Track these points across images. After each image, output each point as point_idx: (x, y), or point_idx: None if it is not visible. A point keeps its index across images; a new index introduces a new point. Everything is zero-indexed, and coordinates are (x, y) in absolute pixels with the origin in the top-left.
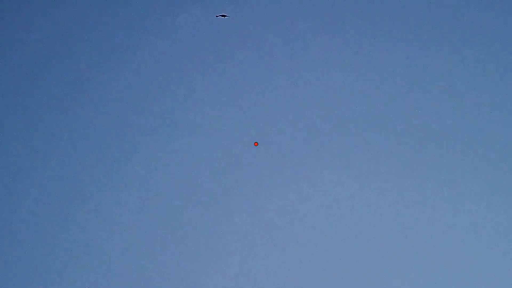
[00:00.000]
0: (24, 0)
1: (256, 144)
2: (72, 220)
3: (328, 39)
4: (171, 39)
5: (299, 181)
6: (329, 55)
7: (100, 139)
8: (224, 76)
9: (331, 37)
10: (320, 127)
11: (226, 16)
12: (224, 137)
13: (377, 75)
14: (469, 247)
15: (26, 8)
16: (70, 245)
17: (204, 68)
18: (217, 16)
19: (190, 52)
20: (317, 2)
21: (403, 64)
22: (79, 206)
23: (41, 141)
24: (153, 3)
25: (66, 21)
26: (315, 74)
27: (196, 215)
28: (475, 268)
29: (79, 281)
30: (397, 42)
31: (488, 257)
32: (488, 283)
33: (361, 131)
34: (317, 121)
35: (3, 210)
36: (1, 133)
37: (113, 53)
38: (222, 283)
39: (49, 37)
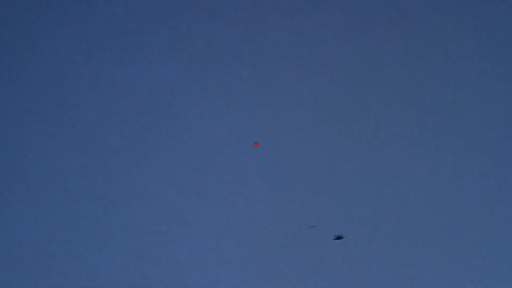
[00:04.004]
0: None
1: (256, 144)
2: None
3: (328, 39)
4: (170, 38)
5: (299, 181)
6: (329, 55)
7: (97, 137)
8: (224, 76)
9: (331, 37)
10: (321, 127)
11: (342, 237)
12: (224, 137)
13: (377, 75)
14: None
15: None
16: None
17: (204, 67)
18: (334, 239)
19: (191, 50)
20: (320, 4)
21: (404, 64)
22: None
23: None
24: (152, 4)
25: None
26: (316, 73)
27: (195, 215)
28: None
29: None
30: (398, 43)
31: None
32: (488, 282)
33: (360, 131)
34: (318, 121)
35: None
36: None
37: (112, 50)
38: (221, 282)
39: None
